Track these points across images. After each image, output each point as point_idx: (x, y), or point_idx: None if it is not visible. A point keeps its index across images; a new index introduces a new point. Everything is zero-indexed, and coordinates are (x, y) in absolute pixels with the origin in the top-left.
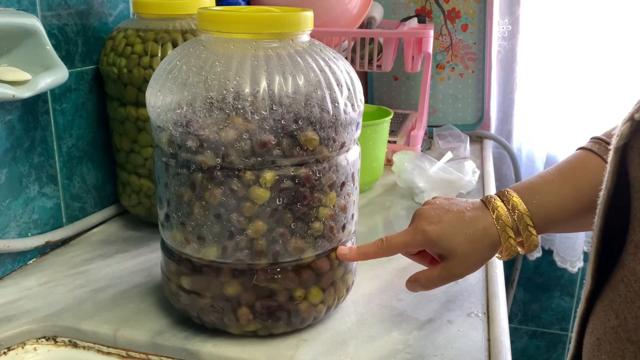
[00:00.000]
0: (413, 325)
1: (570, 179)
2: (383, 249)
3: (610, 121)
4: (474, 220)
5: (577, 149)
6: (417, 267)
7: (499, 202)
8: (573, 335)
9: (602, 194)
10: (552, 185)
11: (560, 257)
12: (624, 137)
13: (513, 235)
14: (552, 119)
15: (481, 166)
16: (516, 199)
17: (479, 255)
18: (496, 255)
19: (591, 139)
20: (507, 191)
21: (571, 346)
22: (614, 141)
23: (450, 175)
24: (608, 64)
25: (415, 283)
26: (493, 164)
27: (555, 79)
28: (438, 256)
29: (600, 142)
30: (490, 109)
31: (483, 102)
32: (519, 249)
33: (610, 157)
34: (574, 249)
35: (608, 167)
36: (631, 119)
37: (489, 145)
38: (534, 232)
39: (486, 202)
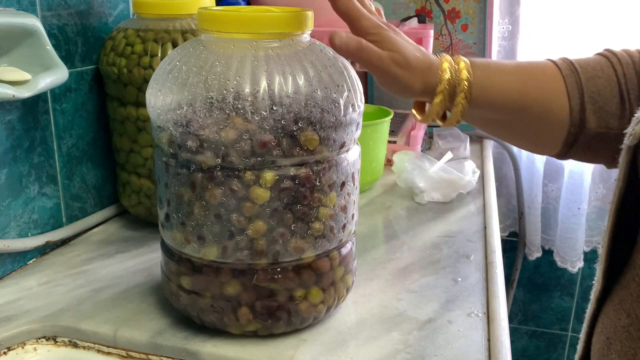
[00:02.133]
0: (413, 325)
1: (523, 72)
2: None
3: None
4: (426, 53)
5: (545, 59)
6: (417, 267)
7: (448, 58)
8: (581, 336)
9: (614, 192)
10: (504, 67)
11: (561, 257)
12: (638, 136)
13: (448, 94)
14: None
15: (481, 166)
16: (464, 63)
17: (413, 77)
18: (417, 115)
19: (562, 57)
20: (459, 55)
21: (579, 347)
22: (626, 140)
23: (450, 175)
24: None
25: (356, 43)
26: (493, 164)
27: None
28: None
29: (568, 63)
30: None
31: None
32: (439, 121)
33: (622, 155)
34: (574, 249)
35: (620, 166)
36: None
37: (489, 145)
38: (468, 96)
39: (438, 54)
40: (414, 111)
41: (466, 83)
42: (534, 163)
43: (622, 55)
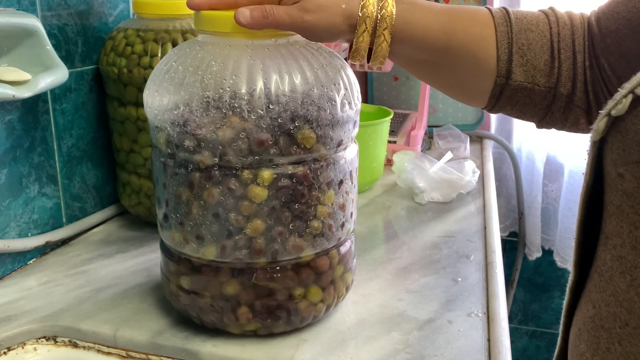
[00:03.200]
0: (413, 325)
1: (452, 13)
2: None
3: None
4: None
5: (484, 7)
6: (418, 267)
7: None
8: (560, 327)
9: (582, 186)
10: (433, 6)
11: (561, 257)
12: (600, 132)
13: (370, 23)
14: None
15: (481, 166)
16: None
17: (332, 15)
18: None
19: (501, 7)
20: None
21: (559, 338)
22: (591, 134)
23: (450, 175)
24: None
25: (259, 13)
26: (493, 164)
27: None
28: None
29: (503, 12)
30: None
31: None
32: (366, 63)
33: (588, 149)
34: None
35: (587, 160)
36: (608, 114)
37: (489, 145)
38: (389, 29)
39: None
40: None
41: (389, 14)
42: (534, 163)
43: (561, 15)
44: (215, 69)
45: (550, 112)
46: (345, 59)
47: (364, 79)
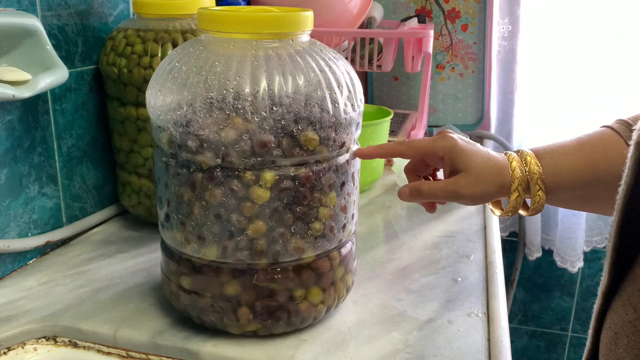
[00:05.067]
0: (413, 325)
1: (585, 147)
2: (404, 145)
3: (609, 121)
4: (495, 158)
5: (600, 127)
6: (418, 267)
7: (514, 156)
8: (590, 331)
9: (621, 188)
10: (567, 148)
11: (560, 257)
12: None
13: (522, 189)
14: (552, 119)
15: None
16: (530, 156)
17: (487, 186)
18: (495, 211)
19: (616, 120)
20: (523, 150)
21: (587, 342)
22: (634, 136)
23: None
24: (608, 64)
25: (415, 190)
26: None
27: (555, 79)
28: (450, 172)
29: (623, 123)
30: (490, 109)
31: (483, 102)
32: (522, 211)
33: (630, 151)
34: (574, 249)
35: (628, 162)
36: None
37: (489, 145)
38: (542, 187)
39: (504, 153)
40: (491, 207)
41: (538, 176)
42: None
43: None
44: (219, 69)
45: None
46: (346, 58)
47: (364, 79)
